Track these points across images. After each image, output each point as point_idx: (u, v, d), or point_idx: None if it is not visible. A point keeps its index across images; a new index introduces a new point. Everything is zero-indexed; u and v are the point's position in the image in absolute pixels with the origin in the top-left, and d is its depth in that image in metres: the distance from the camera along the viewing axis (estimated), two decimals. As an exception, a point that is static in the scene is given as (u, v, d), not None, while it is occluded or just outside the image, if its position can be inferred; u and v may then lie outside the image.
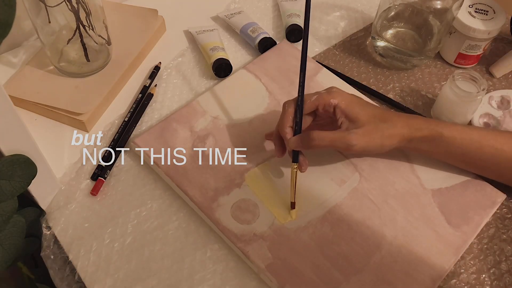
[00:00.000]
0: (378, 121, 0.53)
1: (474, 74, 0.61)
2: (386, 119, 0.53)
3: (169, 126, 0.60)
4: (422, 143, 0.54)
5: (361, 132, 0.52)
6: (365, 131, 0.52)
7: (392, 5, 0.70)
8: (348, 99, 0.53)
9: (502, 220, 0.56)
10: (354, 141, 0.51)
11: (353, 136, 0.51)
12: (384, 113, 0.54)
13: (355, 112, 0.52)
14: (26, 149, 0.48)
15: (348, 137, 0.51)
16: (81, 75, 0.65)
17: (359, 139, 0.51)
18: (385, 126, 0.53)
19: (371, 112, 0.53)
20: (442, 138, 0.53)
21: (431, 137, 0.53)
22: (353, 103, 0.53)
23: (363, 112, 0.52)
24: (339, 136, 0.52)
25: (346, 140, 0.51)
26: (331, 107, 0.53)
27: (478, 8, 0.68)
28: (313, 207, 0.54)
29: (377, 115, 0.53)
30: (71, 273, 0.51)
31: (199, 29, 0.74)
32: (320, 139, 0.51)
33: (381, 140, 0.52)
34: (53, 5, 0.57)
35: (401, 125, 0.53)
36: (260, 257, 0.50)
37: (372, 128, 0.52)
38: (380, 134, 0.52)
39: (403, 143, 0.54)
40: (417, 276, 0.50)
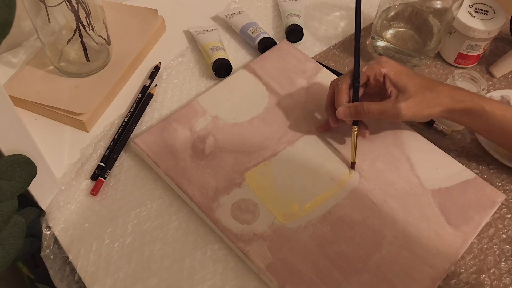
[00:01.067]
0: (425, 90, 0.54)
1: (474, 74, 0.61)
2: (432, 88, 0.55)
3: (169, 126, 0.60)
4: (463, 115, 0.55)
5: (410, 102, 0.53)
6: (413, 102, 0.53)
7: (392, 5, 0.70)
8: (396, 68, 0.55)
9: (502, 220, 0.56)
10: (404, 111, 0.53)
11: (402, 105, 0.53)
12: (430, 82, 0.55)
13: (404, 82, 0.54)
14: (26, 149, 0.48)
15: (398, 106, 0.53)
16: (81, 75, 0.65)
17: (408, 109, 0.53)
18: (431, 95, 0.54)
19: (418, 81, 0.55)
20: (483, 112, 0.54)
21: (472, 109, 0.54)
22: (401, 73, 0.55)
23: (411, 82, 0.54)
24: (389, 107, 0.54)
25: (396, 110, 0.53)
26: (381, 77, 0.55)
27: (478, 8, 0.68)
28: (313, 207, 0.54)
29: (424, 84, 0.55)
30: (71, 273, 0.51)
31: (199, 29, 0.74)
32: (369, 110, 0.54)
33: (428, 109, 0.54)
34: (53, 5, 0.57)
35: (445, 95, 0.54)
36: (260, 257, 0.50)
37: (419, 99, 0.54)
38: (426, 104, 0.54)
39: (445, 114, 0.55)
40: (417, 276, 0.50)
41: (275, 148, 0.59)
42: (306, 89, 0.66)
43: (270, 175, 0.57)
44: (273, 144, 0.59)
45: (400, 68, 0.55)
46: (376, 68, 0.55)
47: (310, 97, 0.65)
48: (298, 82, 0.66)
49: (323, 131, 0.61)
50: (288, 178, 0.57)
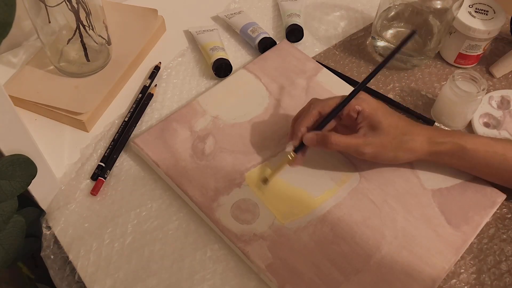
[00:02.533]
0: (399, 133, 0.53)
1: (474, 74, 0.61)
2: (407, 132, 0.53)
3: (169, 126, 0.60)
4: (443, 156, 0.54)
5: (376, 142, 0.52)
6: (380, 142, 0.52)
7: (392, 5, 0.70)
8: (373, 106, 0.53)
9: (502, 220, 0.56)
10: (367, 150, 0.52)
11: (367, 145, 0.52)
12: (407, 125, 0.54)
13: (377, 120, 0.52)
14: (26, 149, 0.48)
15: (362, 145, 0.52)
16: (81, 75, 0.65)
17: (373, 148, 0.52)
18: (404, 138, 0.53)
19: (393, 123, 0.53)
20: (464, 151, 0.53)
21: (453, 150, 0.53)
22: (377, 111, 0.53)
23: (386, 121, 0.53)
24: (353, 143, 0.52)
25: (360, 148, 0.52)
26: (355, 113, 0.54)
27: (478, 8, 0.68)
28: (313, 207, 0.54)
29: (399, 126, 0.53)
30: (71, 273, 0.51)
31: (199, 29, 0.74)
32: (336, 143, 0.52)
33: (395, 152, 0.53)
34: (53, 5, 0.57)
35: (422, 139, 0.53)
36: (260, 257, 0.50)
37: (389, 140, 0.52)
38: (396, 146, 0.53)
39: (423, 157, 0.54)
40: (417, 276, 0.50)
41: (275, 148, 0.59)
42: (306, 89, 0.66)
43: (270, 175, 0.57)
44: (273, 144, 0.59)
45: (377, 106, 0.54)
46: (352, 104, 0.53)
47: (310, 97, 0.64)
48: (298, 82, 0.66)
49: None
50: (288, 178, 0.57)
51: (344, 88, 0.66)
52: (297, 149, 0.54)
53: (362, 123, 0.53)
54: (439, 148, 0.53)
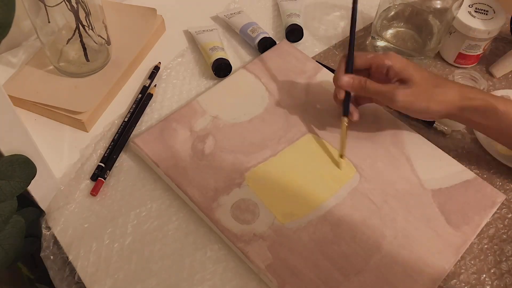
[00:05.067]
0: (431, 85, 0.53)
1: (474, 74, 0.61)
2: (439, 85, 0.53)
3: (168, 126, 0.60)
4: (473, 113, 0.53)
5: (409, 91, 0.52)
6: (413, 91, 0.53)
7: (392, 5, 0.70)
8: (403, 62, 0.54)
9: (502, 220, 0.56)
10: (399, 97, 0.52)
11: (400, 92, 0.52)
12: (438, 79, 0.54)
13: (409, 73, 0.53)
14: (25, 149, 0.48)
15: (395, 92, 0.53)
16: (81, 75, 0.65)
17: (405, 96, 0.52)
18: (436, 91, 0.53)
19: (425, 75, 0.53)
20: (495, 111, 0.52)
21: (483, 108, 0.52)
22: (408, 66, 0.54)
23: (417, 74, 0.53)
24: (386, 90, 0.53)
25: (392, 94, 0.53)
26: (385, 68, 0.54)
27: (478, 8, 0.68)
28: (313, 207, 0.54)
29: (431, 79, 0.53)
30: (71, 273, 0.51)
31: (199, 29, 0.74)
32: (368, 87, 0.54)
33: (427, 103, 0.53)
34: (53, 5, 0.57)
35: (453, 93, 0.53)
36: (260, 257, 0.50)
37: (421, 90, 0.53)
38: (428, 97, 0.53)
39: (453, 111, 0.54)
40: (417, 276, 0.50)
41: (275, 148, 0.59)
42: (306, 89, 0.65)
43: (270, 175, 0.57)
44: (273, 144, 0.59)
45: (408, 62, 0.54)
46: (381, 59, 0.54)
47: (310, 97, 0.65)
48: (298, 82, 0.66)
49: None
50: (288, 178, 0.56)
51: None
52: (345, 111, 0.57)
53: (394, 78, 0.54)
54: (470, 103, 0.53)
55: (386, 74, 0.55)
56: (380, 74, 0.55)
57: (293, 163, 0.58)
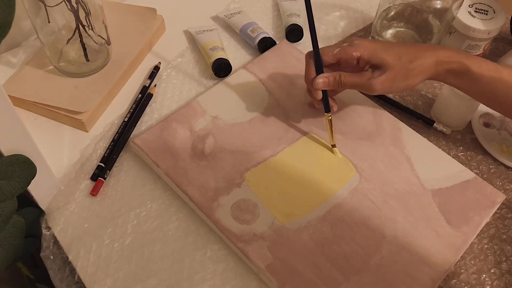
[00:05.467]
0: (405, 62, 0.53)
1: (474, 74, 0.61)
2: (413, 58, 0.53)
3: (168, 126, 0.60)
4: (449, 76, 0.54)
5: (384, 77, 0.53)
6: (388, 76, 0.52)
7: (392, 5, 0.70)
8: (370, 48, 0.54)
9: (502, 220, 0.56)
10: (377, 86, 0.53)
11: (376, 81, 0.53)
12: (411, 50, 0.53)
13: (380, 58, 0.53)
14: (25, 149, 0.48)
15: (371, 82, 0.53)
16: (81, 75, 0.65)
17: (382, 83, 0.53)
18: (411, 66, 0.53)
19: (397, 53, 0.53)
20: (469, 73, 0.52)
21: (457, 70, 0.53)
22: (376, 50, 0.53)
23: (389, 56, 0.53)
24: (362, 82, 0.53)
25: (369, 85, 0.53)
26: (354, 60, 0.54)
27: (478, 8, 0.68)
28: (313, 207, 0.54)
29: (403, 55, 0.53)
30: (71, 273, 0.51)
31: (199, 29, 0.74)
32: (344, 81, 0.54)
33: (405, 82, 0.53)
34: (53, 5, 0.57)
35: (429, 61, 0.53)
36: (260, 257, 0.50)
37: (397, 72, 0.52)
38: (405, 76, 0.53)
39: (430, 77, 0.54)
40: (417, 276, 0.50)
41: (275, 148, 0.59)
42: (306, 89, 0.65)
43: (270, 175, 0.57)
44: (273, 144, 0.59)
45: (375, 45, 0.54)
46: (348, 52, 0.54)
47: (310, 97, 0.65)
48: (298, 82, 0.66)
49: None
50: (288, 178, 0.56)
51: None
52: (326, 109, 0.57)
53: (366, 66, 0.54)
54: (445, 67, 0.53)
55: (357, 63, 0.55)
56: (349, 65, 0.55)
57: (293, 163, 0.58)
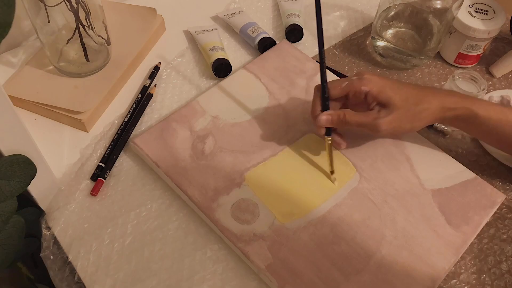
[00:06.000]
0: (411, 104, 0.52)
1: (474, 74, 0.61)
2: (419, 101, 0.53)
3: (168, 126, 0.60)
4: (455, 121, 0.54)
5: (391, 118, 0.52)
6: (395, 117, 0.52)
7: (392, 5, 0.70)
8: (379, 84, 0.53)
9: (502, 220, 0.56)
10: (383, 127, 0.52)
11: (382, 121, 0.52)
12: (417, 94, 0.53)
13: (387, 97, 0.52)
14: (25, 149, 0.48)
15: (378, 122, 0.52)
16: (81, 75, 0.65)
17: (388, 124, 0.52)
18: (417, 109, 0.52)
19: (404, 95, 0.53)
20: (477, 117, 0.53)
21: (465, 116, 0.53)
22: (385, 88, 0.53)
23: (396, 96, 0.52)
24: (369, 121, 0.53)
25: (374, 125, 0.52)
26: (362, 94, 0.53)
27: (478, 8, 0.68)
28: (313, 207, 0.54)
29: (410, 97, 0.53)
30: (71, 273, 0.51)
31: (199, 29, 0.74)
32: (349, 120, 0.53)
33: (411, 124, 0.53)
34: (53, 5, 0.57)
35: (435, 106, 0.53)
36: (260, 257, 0.50)
37: (403, 113, 0.52)
38: (411, 118, 0.53)
39: (436, 121, 0.54)
40: (417, 276, 0.50)
41: (275, 148, 0.59)
42: (306, 89, 0.65)
43: (270, 175, 0.57)
44: (273, 144, 0.59)
45: (384, 83, 0.53)
46: (356, 85, 0.53)
47: (310, 97, 0.64)
48: (298, 82, 0.66)
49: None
50: (288, 178, 0.56)
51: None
52: (327, 132, 0.56)
53: (373, 103, 0.53)
54: (451, 114, 0.53)
55: (364, 98, 0.54)
56: (357, 99, 0.54)
57: (293, 163, 0.58)
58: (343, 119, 0.53)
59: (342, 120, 0.53)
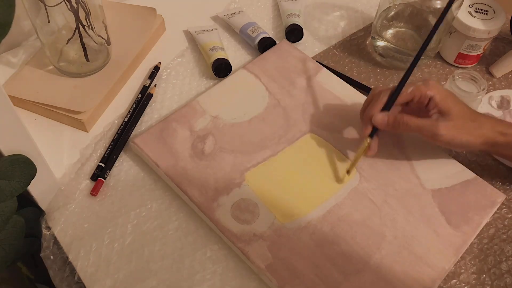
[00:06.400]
0: (468, 119, 0.53)
1: (474, 74, 0.61)
2: (474, 118, 0.54)
3: (168, 126, 0.60)
4: (505, 148, 0.54)
5: (451, 124, 0.52)
6: (455, 124, 0.52)
7: (392, 5, 0.70)
8: (443, 93, 0.54)
9: (502, 220, 0.56)
10: (443, 131, 0.52)
11: (442, 125, 0.52)
12: (474, 113, 0.54)
13: (448, 106, 0.53)
14: (25, 149, 0.48)
15: (437, 125, 0.52)
16: (81, 75, 0.65)
17: (448, 130, 0.52)
18: (473, 125, 0.53)
19: (462, 109, 0.54)
20: None
21: None
22: (448, 97, 0.54)
23: (456, 107, 0.53)
24: (428, 124, 0.53)
25: (435, 128, 0.52)
26: (426, 99, 0.54)
27: (478, 8, 0.68)
28: (313, 207, 0.54)
29: (468, 113, 0.54)
30: (71, 273, 0.51)
31: (199, 29, 0.74)
32: (408, 123, 0.53)
33: (468, 136, 0.53)
34: (53, 5, 0.57)
35: (488, 127, 0.53)
36: (260, 257, 0.50)
37: (461, 123, 0.53)
38: (467, 131, 0.53)
39: (486, 146, 0.54)
40: (417, 276, 0.50)
41: (275, 148, 0.59)
42: (306, 89, 0.65)
43: (270, 175, 0.57)
44: (273, 144, 0.59)
45: (447, 93, 0.54)
46: (423, 90, 0.54)
47: (310, 97, 0.65)
48: (298, 82, 0.66)
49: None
50: (288, 178, 0.56)
51: (344, 88, 0.66)
52: (373, 133, 0.55)
53: (434, 109, 0.54)
54: (502, 139, 0.53)
55: (426, 105, 0.54)
56: (420, 105, 0.55)
57: (293, 163, 0.58)
58: (402, 120, 0.53)
59: (401, 121, 0.53)
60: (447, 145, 0.54)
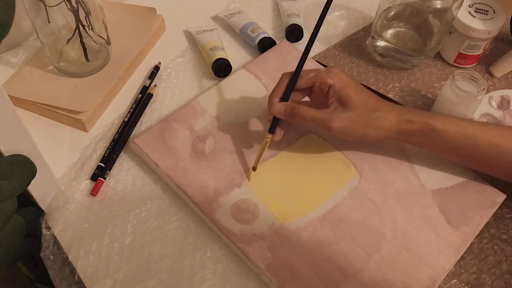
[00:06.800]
0: (368, 109, 0.52)
1: (474, 74, 0.61)
2: (376, 108, 0.53)
3: (168, 126, 0.60)
4: (413, 136, 0.53)
5: (345, 116, 0.51)
6: (349, 116, 0.52)
7: (392, 5, 0.70)
8: (344, 81, 0.53)
9: (502, 220, 0.56)
10: (335, 124, 0.51)
11: (334, 119, 0.51)
12: (377, 103, 0.53)
13: (347, 95, 0.52)
14: (25, 149, 0.48)
15: (331, 118, 0.51)
16: (81, 75, 0.65)
17: (341, 122, 0.51)
18: (373, 115, 0.52)
19: (363, 99, 0.52)
20: (434, 131, 0.52)
21: (422, 130, 0.53)
22: (348, 86, 0.52)
23: (356, 97, 0.52)
24: (322, 117, 0.52)
25: (328, 121, 0.52)
26: (326, 87, 0.53)
27: (478, 8, 0.68)
28: (313, 207, 0.54)
29: (369, 103, 0.53)
30: (71, 273, 0.51)
31: (199, 29, 0.74)
32: (303, 114, 0.52)
33: (364, 129, 0.52)
34: (53, 5, 0.57)
35: (391, 117, 0.52)
36: (260, 257, 0.50)
37: (358, 115, 0.52)
38: (365, 123, 0.52)
39: (392, 135, 0.54)
40: (417, 276, 0.50)
41: (275, 149, 0.59)
42: (306, 89, 0.65)
43: (270, 175, 0.57)
44: (273, 144, 0.59)
45: (349, 81, 0.53)
46: (323, 77, 0.53)
47: (310, 97, 0.65)
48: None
49: None
50: (288, 178, 0.56)
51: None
52: (271, 129, 0.55)
53: (333, 98, 0.53)
54: (408, 127, 0.53)
55: (327, 92, 0.53)
56: (321, 92, 0.54)
57: (293, 163, 0.58)
58: (297, 112, 0.52)
59: (296, 113, 0.53)
60: (344, 136, 0.53)
